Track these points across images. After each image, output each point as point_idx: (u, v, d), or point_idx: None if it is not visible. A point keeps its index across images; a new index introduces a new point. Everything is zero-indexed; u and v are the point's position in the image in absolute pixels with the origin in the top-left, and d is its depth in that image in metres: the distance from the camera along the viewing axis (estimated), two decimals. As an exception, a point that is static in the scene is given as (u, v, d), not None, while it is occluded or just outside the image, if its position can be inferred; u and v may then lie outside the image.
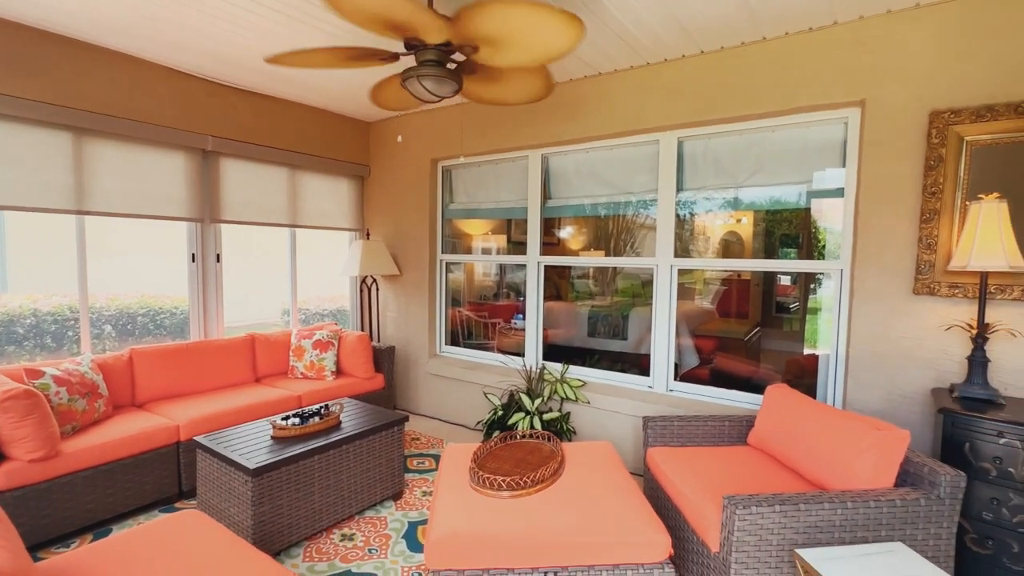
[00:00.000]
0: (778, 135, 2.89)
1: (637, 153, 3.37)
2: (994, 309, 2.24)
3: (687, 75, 3.01)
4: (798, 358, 3.85)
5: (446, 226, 4.41)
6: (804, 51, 2.65)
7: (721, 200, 3.15)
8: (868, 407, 2.55)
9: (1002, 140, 2.23)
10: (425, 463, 3.37)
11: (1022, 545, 1.85)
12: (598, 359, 4.16)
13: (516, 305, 4.80)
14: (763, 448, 2.41)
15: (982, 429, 1.92)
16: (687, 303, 4.91)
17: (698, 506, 1.98)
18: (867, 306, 2.54)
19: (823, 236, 3.04)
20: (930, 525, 1.79)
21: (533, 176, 3.80)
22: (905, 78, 2.41)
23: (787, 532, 1.75)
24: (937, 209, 2.34)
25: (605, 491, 2.01)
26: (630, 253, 4.64)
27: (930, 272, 2.36)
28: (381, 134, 4.59)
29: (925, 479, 1.84)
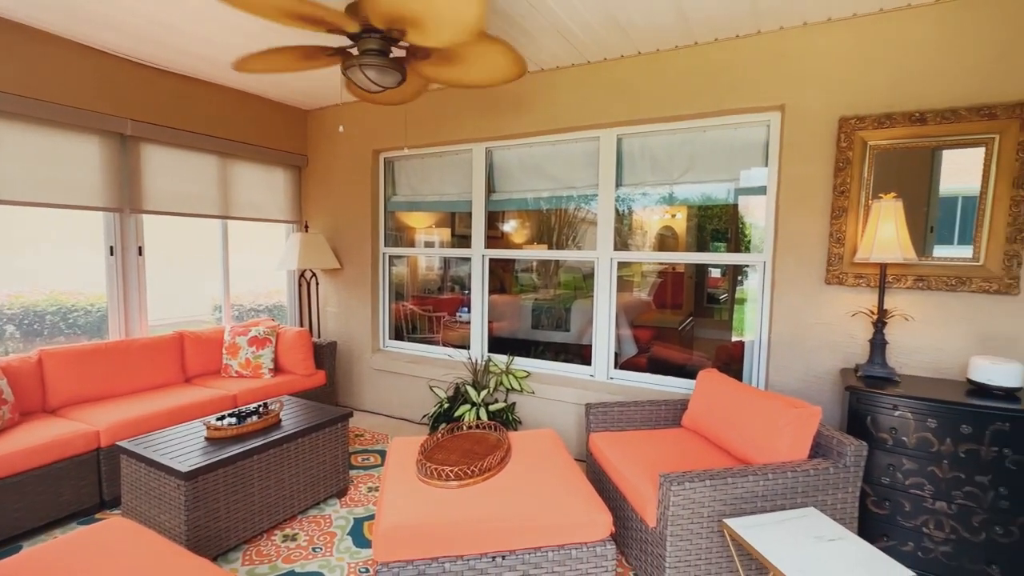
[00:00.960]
0: (709, 135, 3.07)
1: (579, 149, 3.46)
2: (891, 296, 2.51)
3: (626, 75, 3.13)
4: (727, 345, 4.12)
5: (389, 219, 4.34)
6: (731, 57, 2.83)
7: (657, 196, 3.30)
8: (787, 387, 2.78)
9: (899, 145, 2.49)
10: (370, 459, 3.33)
11: (912, 504, 2.10)
12: (542, 350, 4.26)
13: (461, 298, 4.81)
14: (696, 429, 2.57)
15: (881, 404, 2.15)
16: (626, 295, 5.11)
17: (637, 485, 2.09)
18: (786, 295, 2.76)
19: (749, 231, 3.26)
20: (838, 491, 2.00)
21: (477, 169, 3.81)
22: (818, 86, 2.63)
23: (716, 504, 1.89)
24: (845, 207, 2.58)
25: (550, 476, 2.08)
26: (572, 247, 4.77)
27: (839, 264, 2.60)
28: (319, 123, 4.44)
29: (834, 450, 2.05)
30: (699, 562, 1.90)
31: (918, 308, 2.47)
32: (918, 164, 2.51)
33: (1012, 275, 2.28)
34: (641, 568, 2.09)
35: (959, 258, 2.42)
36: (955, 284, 2.38)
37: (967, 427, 2.00)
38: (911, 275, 2.46)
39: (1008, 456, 1.95)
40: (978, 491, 1.99)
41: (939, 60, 2.39)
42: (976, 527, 2.00)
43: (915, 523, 2.09)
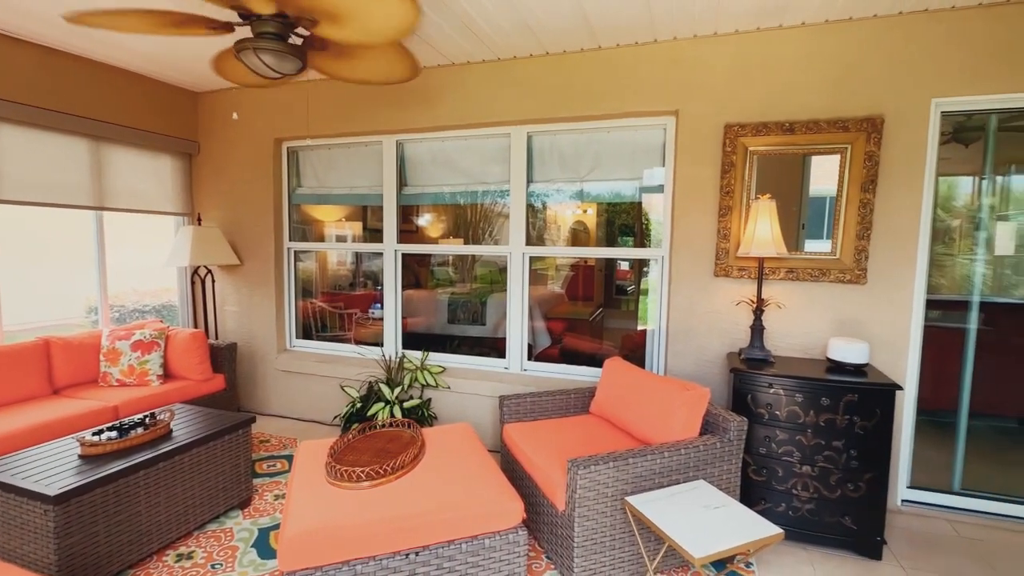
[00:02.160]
0: (613, 136, 3.23)
1: (490, 145, 3.50)
2: (768, 287, 2.81)
3: (535, 74, 3.20)
4: (632, 334, 4.39)
5: (294, 212, 4.12)
6: (632, 62, 3.00)
7: (568, 192, 3.43)
8: (683, 372, 3.02)
9: (774, 151, 2.79)
10: (277, 465, 3.16)
11: (784, 470, 2.38)
12: (458, 345, 4.27)
13: (374, 294, 4.68)
14: (602, 415, 2.72)
15: (759, 383, 2.41)
16: (540, 288, 5.25)
17: (547, 472, 2.18)
18: (681, 287, 2.99)
19: (652, 227, 3.49)
20: (723, 463, 2.21)
21: (388, 162, 3.72)
22: (707, 94, 2.87)
23: (619, 484, 2.02)
24: (730, 206, 2.84)
25: (463, 470, 2.11)
26: (488, 241, 4.81)
27: (726, 258, 2.87)
28: (213, 107, 4.10)
29: (720, 426, 2.26)
30: (604, 539, 2.03)
31: (790, 297, 2.79)
32: (792, 168, 2.82)
33: (861, 267, 2.65)
34: (552, 550, 2.18)
35: (822, 252, 2.76)
36: (818, 275, 2.72)
37: (826, 399, 2.30)
38: (784, 268, 2.77)
39: (857, 423, 2.27)
40: (834, 454, 2.30)
41: (804, 77, 2.70)
42: (833, 485, 2.31)
43: (786, 486, 2.38)
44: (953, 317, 2.95)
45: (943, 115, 2.62)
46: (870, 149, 2.59)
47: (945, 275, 3.32)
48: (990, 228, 3.78)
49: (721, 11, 2.55)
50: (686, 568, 2.20)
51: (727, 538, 1.65)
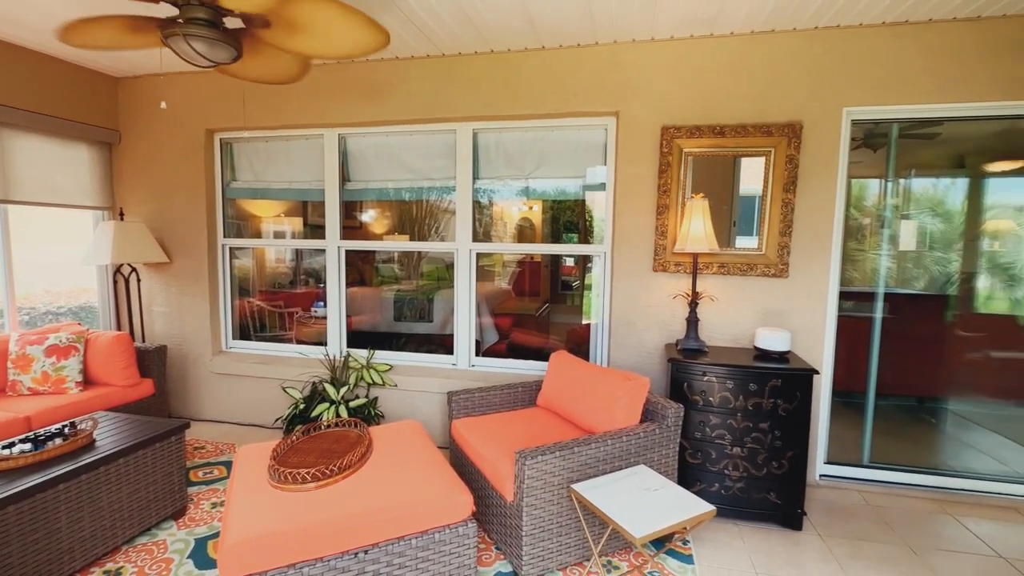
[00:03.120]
0: (557, 134, 3.31)
1: (436, 141, 3.48)
2: (702, 281, 2.98)
3: (481, 71, 3.22)
4: (577, 328, 4.51)
5: (229, 207, 3.93)
6: (574, 64, 3.07)
7: (514, 189, 3.47)
8: (625, 363, 3.15)
9: (707, 152, 2.95)
10: (214, 472, 3.02)
11: (717, 452, 2.54)
12: (405, 342, 4.23)
13: (316, 292, 4.55)
14: (549, 407, 2.80)
15: (694, 371, 2.55)
16: (487, 284, 5.29)
17: (495, 464, 2.22)
18: (622, 282, 3.12)
19: (595, 224, 3.59)
20: (662, 448, 2.34)
21: (330, 156, 3.62)
22: (645, 97, 2.99)
23: (565, 472, 2.09)
24: (667, 204, 2.98)
25: (413, 466, 2.11)
26: (435, 237, 4.78)
27: (663, 254, 3.01)
28: (135, 93, 3.83)
29: (659, 413, 2.39)
30: (551, 526, 2.10)
31: (721, 290, 2.97)
32: (723, 169, 3.00)
33: (784, 262, 2.86)
34: (501, 540, 2.23)
35: (750, 248, 2.96)
36: (746, 270, 2.91)
37: (754, 385, 2.48)
38: (716, 263, 2.94)
39: (780, 405, 2.46)
40: (761, 435, 2.48)
41: (733, 84, 2.87)
42: (760, 464, 2.49)
43: (719, 467, 2.54)
44: (863, 307, 3.24)
45: (854, 123, 2.87)
46: (791, 153, 2.80)
47: (857, 269, 3.64)
48: (894, 226, 4.16)
49: (657, 18, 2.67)
50: (628, 549, 2.31)
51: (665, 518, 1.76)
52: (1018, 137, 3.48)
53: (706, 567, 2.22)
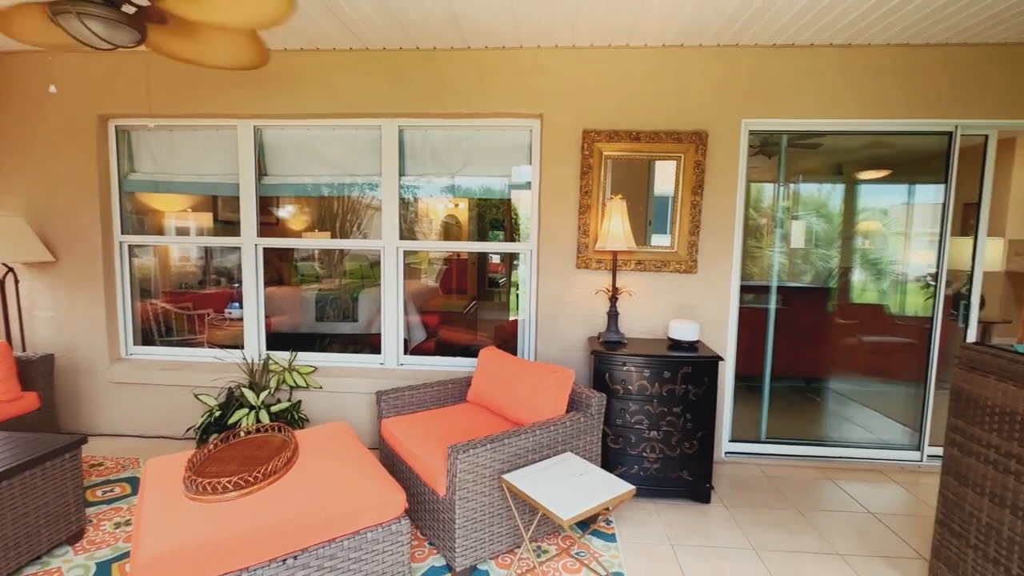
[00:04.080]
0: (483, 134, 3.35)
1: (360, 136, 3.41)
2: (621, 277, 3.17)
3: (406, 67, 3.19)
4: (505, 324, 4.61)
5: (127, 201, 3.60)
6: (500, 65, 3.14)
7: (441, 186, 3.48)
8: (551, 356, 3.27)
9: (625, 156, 3.13)
10: (115, 490, 2.78)
11: (636, 437, 2.72)
12: (329, 343, 4.11)
13: (230, 292, 4.29)
14: (479, 402, 2.85)
15: (615, 362, 2.72)
16: (414, 282, 5.25)
17: (428, 461, 2.24)
18: (548, 278, 3.24)
19: (521, 222, 3.69)
20: (587, 435, 2.47)
21: (245, 149, 3.43)
22: (567, 101, 3.12)
23: (496, 464, 2.16)
24: (589, 204, 3.14)
25: (342, 467, 2.08)
26: (357, 234, 4.67)
27: (586, 251, 3.16)
28: (8, 73, 3.39)
29: (584, 403, 2.52)
30: (483, 517, 2.16)
31: (639, 285, 3.18)
32: (640, 171, 3.20)
33: (693, 259, 3.11)
34: (434, 535, 2.26)
35: (664, 246, 3.18)
36: (661, 266, 3.13)
37: (668, 373, 2.68)
38: (633, 260, 3.14)
39: (691, 390, 2.68)
40: (675, 419, 2.70)
41: (648, 92, 3.07)
42: (674, 445, 2.71)
43: (638, 451, 2.73)
44: (760, 299, 3.60)
45: (751, 133, 3.17)
46: (698, 159, 3.04)
47: (756, 264, 4.03)
48: (786, 226, 4.63)
49: (578, 26, 2.80)
50: (557, 533, 2.43)
51: (590, 500, 1.88)
52: (881, 150, 4.01)
53: (627, 543, 2.38)
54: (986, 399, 1.73)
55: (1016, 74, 2.92)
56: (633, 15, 2.65)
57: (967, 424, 1.81)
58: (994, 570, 1.69)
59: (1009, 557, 1.64)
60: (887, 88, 2.97)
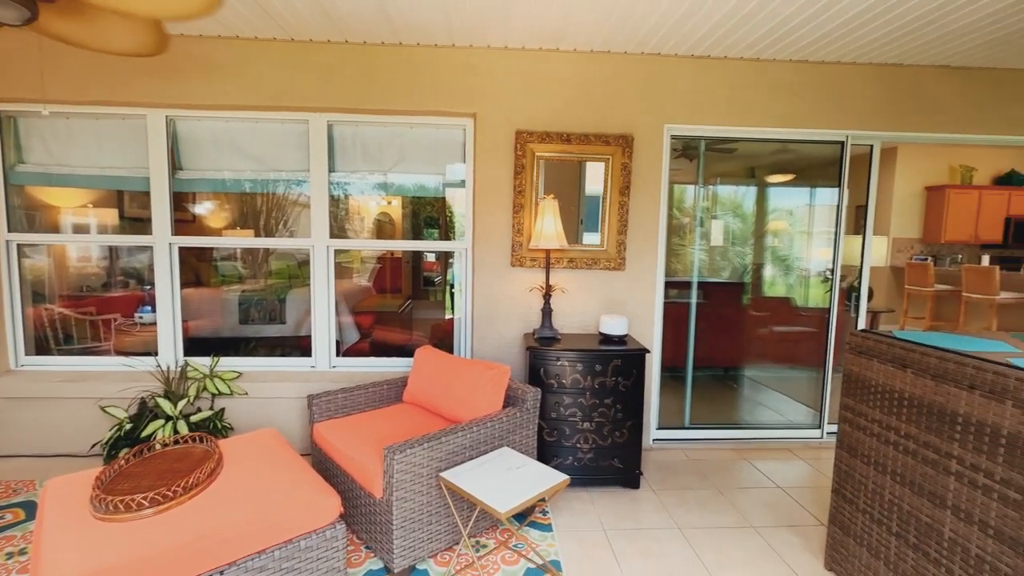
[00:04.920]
0: (416, 131, 3.32)
1: (287, 130, 3.27)
2: (554, 274, 3.26)
3: (336, 61, 3.09)
4: (441, 323, 4.59)
5: (15, 195, 3.23)
6: (433, 63, 3.12)
7: (373, 184, 3.41)
8: (487, 354, 3.31)
9: (556, 157, 3.22)
10: (7, 517, 2.51)
11: (570, 429, 2.82)
12: (255, 347, 3.91)
13: (140, 295, 3.97)
14: (415, 402, 2.84)
15: (549, 357, 2.80)
16: (346, 281, 5.10)
17: (363, 464, 2.20)
18: (483, 276, 3.27)
19: (456, 220, 3.69)
20: (523, 429, 2.53)
21: (156, 141, 3.19)
22: (500, 101, 3.16)
23: (433, 463, 2.16)
24: (523, 203, 3.20)
25: (271, 476, 2.01)
26: (285, 232, 4.47)
27: (520, 250, 3.22)
28: None
29: (519, 398, 2.58)
30: (421, 517, 2.15)
31: (571, 282, 3.28)
32: (572, 172, 3.30)
33: (621, 256, 3.26)
34: (372, 539, 2.23)
35: (594, 244, 3.30)
36: (591, 264, 3.25)
37: (599, 366, 2.80)
38: (566, 258, 3.24)
39: (621, 382, 2.82)
40: (606, 410, 2.82)
41: (578, 96, 3.17)
42: (605, 435, 2.83)
43: (572, 442, 2.83)
44: (684, 294, 3.83)
45: (673, 137, 3.36)
46: (624, 160, 3.19)
47: (679, 261, 4.28)
48: (706, 225, 4.94)
49: (510, 28, 2.84)
50: (495, 527, 2.47)
51: (526, 492, 1.93)
52: (786, 156, 4.38)
53: (563, 531, 2.47)
54: (871, 380, 1.96)
55: (895, 91, 3.29)
56: (562, 20, 2.73)
57: (856, 403, 2.04)
58: (878, 530, 1.92)
59: (890, 517, 1.87)
60: (790, 100, 3.26)
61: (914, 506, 1.77)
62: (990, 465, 1.50)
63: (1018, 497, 1.42)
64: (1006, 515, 1.45)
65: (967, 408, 1.57)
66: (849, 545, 2.08)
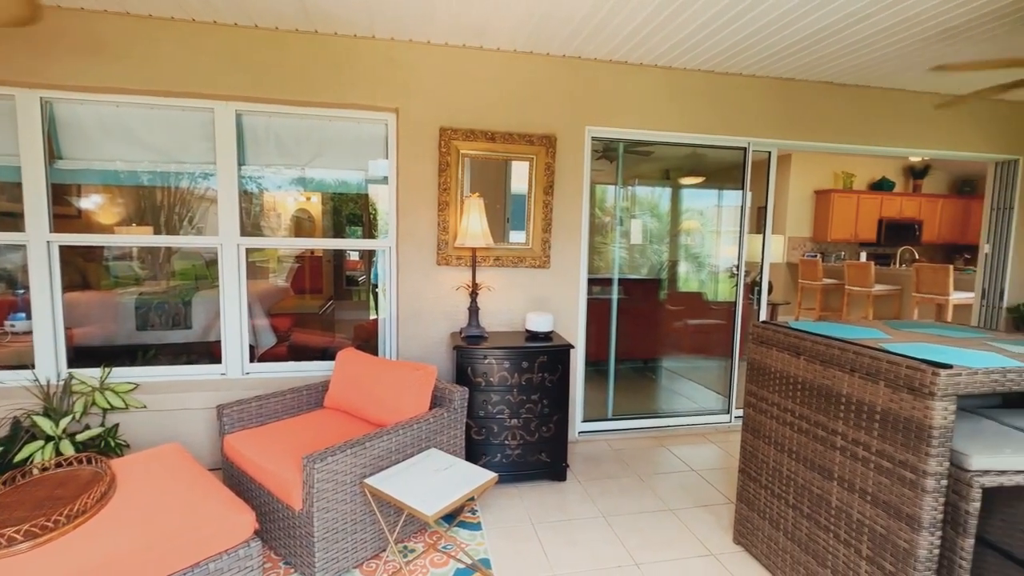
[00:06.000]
0: (336, 125, 3.19)
1: (190, 119, 3.01)
2: (481, 273, 3.26)
3: (244, 46, 2.89)
4: (365, 324, 4.43)
5: None
6: (352, 54, 3.00)
7: (290, 178, 3.23)
8: (414, 355, 3.25)
9: (481, 155, 3.21)
10: None
11: (498, 426, 2.84)
12: (155, 355, 3.58)
13: (12, 300, 3.50)
14: (338, 407, 2.72)
15: (476, 356, 2.79)
16: (261, 282, 4.80)
17: (281, 475, 2.08)
18: (408, 275, 3.20)
19: (380, 217, 3.58)
20: (451, 430, 2.51)
21: (28, 125, 2.81)
22: (424, 97, 3.11)
23: (357, 469, 2.09)
24: (448, 201, 3.17)
25: (174, 494, 1.85)
26: (190, 230, 4.12)
27: (446, 248, 3.19)
28: None
29: (447, 398, 2.55)
30: (345, 526, 2.07)
31: (497, 281, 3.30)
32: (498, 170, 3.31)
33: (546, 254, 3.32)
34: (292, 554, 2.11)
35: (520, 243, 3.34)
36: (517, 262, 3.29)
37: (526, 363, 2.83)
38: (492, 256, 3.25)
39: (547, 378, 2.87)
40: (533, 406, 2.86)
41: (502, 95, 3.19)
42: (533, 430, 2.88)
43: (501, 439, 2.85)
44: (606, 291, 3.97)
45: (594, 139, 3.47)
46: (548, 160, 3.25)
47: (601, 259, 4.43)
48: (626, 224, 5.15)
49: (434, 22, 2.80)
50: (424, 530, 2.43)
51: (454, 492, 1.91)
52: (697, 160, 4.67)
53: (492, 528, 2.48)
54: (771, 367, 2.14)
55: (788, 103, 3.61)
56: (486, 17, 2.72)
57: (759, 388, 2.22)
58: (778, 503, 2.11)
59: (787, 491, 2.06)
60: (699, 107, 3.47)
61: (807, 479, 1.95)
62: (867, 439, 1.69)
63: (889, 466, 1.61)
64: (880, 482, 1.64)
65: (849, 389, 1.76)
66: (754, 519, 2.26)
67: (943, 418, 1.46)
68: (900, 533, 1.58)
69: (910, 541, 1.54)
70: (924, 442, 1.49)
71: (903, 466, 1.56)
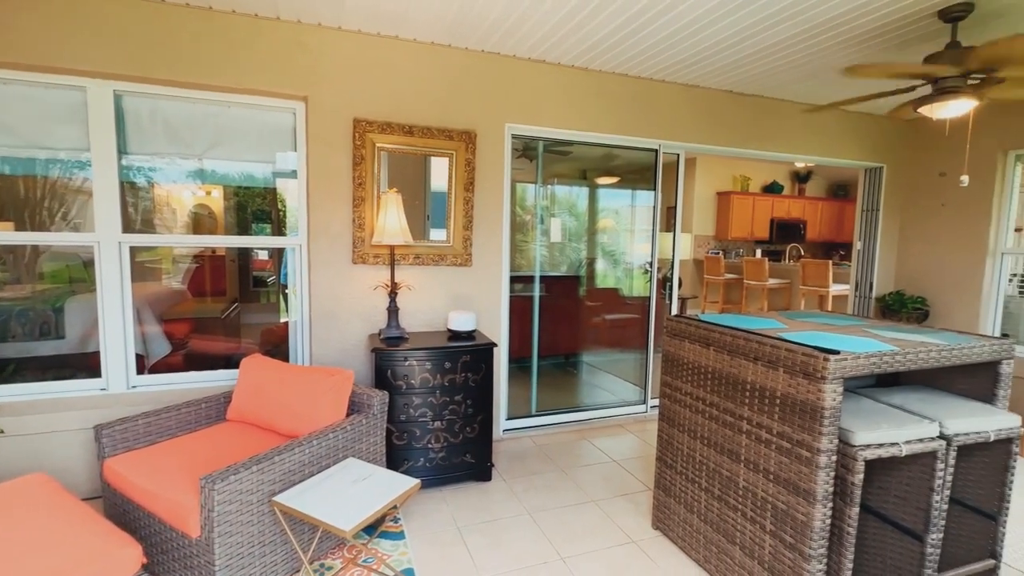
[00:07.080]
0: (236, 112, 2.92)
1: (55, 98, 2.62)
2: (400, 271, 3.14)
3: (123, 19, 2.55)
4: (274, 328, 4.14)
5: None
6: (252, 35, 2.76)
7: (186, 170, 2.92)
8: (329, 359, 3.06)
9: (398, 150, 3.10)
10: None
11: (420, 430, 2.75)
12: (16, 370, 3.09)
13: None
14: (242, 419, 2.50)
15: (396, 358, 2.69)
16: (153, 284, 4.32)
17: (174, 500, 1.87)
18: (321, 275, 3.01)
19: (289, 213, 3.34)
20: (370, 437, 2.39)
21: None
22: (335, 86, 2.93)
23: (265, 487, 1.92)
24: (364, 197, 3.02)
25: (40, 532, 1.59)
26: (63, 226, 3.61)
27: (362, 246, 3.04)
28: None
29: (365, 404, 2.43)
30: (252, 550, 1.90)
31: (418, 279, 3.20)
32: (416, 166, 3.20)
33: (468, 252, 3.27)
34: (188, 585, 1.90)
35: (441, 241, 3.26)
36: (438, 260, 3.21)
37: (448, 363, 2.77)
38: (412, 254, 3.15)
39: (471, 378, 2.83)
40: (457, 407, 2.81)
41: (420, 87, 3.09)
42: (457, 432, 2.82)
43: (423, 443, 2.76)
44: (527, 288, 3.99)
45: (514, 137, 3.47)
46: (468, 157, 3.20)
47: (523, 256, 4.45)
48: (547, 222, 5.21)
49: (343, 6, 2.64)
50: (342, 545, 2.29)
51: (373, 503, 1.81)
52: (612, 160, 4.83)
53: (416, 537, 2.39)
54: (683, 358, 2.25)
55: (695, 108, 3.83)
56: (403, 5, 2.62)
57: (673, 378, 2.32)
58: (691, 487, 2.22)
59: (699, 474, 2.17)
60: (614, 108, 3.59)
61: (717, 463, 2.07)
62: (769, 422, 1.81)
63: (788, 446, 1.74)
64: (781, 462, 1.77)
65: (753, 376, 1.88)
66: (670, 504, 2.36)
67: (833, 399, 1.60)
68: (798, 507, 1.71)
69: (807, 514, 1.68)
70: (817, 422, 1.62)
71: (800, 445, 1.69)
